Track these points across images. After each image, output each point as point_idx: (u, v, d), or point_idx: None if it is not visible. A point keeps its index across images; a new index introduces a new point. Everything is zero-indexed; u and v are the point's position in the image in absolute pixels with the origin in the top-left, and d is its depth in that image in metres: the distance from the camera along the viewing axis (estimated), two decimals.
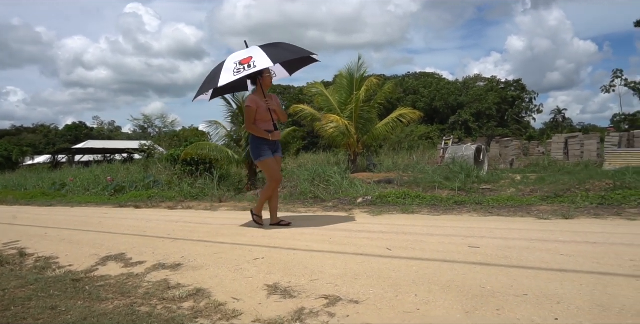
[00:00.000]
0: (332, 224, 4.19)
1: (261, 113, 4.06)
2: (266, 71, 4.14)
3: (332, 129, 12.23)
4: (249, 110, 4.05)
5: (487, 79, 45.13)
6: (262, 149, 4.11)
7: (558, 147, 13.84)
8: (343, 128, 12.21)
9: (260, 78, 4.11)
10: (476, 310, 1.80)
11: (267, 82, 4.21)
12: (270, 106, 4.07)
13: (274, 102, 4.17)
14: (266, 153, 4.10)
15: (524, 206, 4.55)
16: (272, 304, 2.08)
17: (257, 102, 4.04)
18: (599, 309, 1.73)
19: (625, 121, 37.64)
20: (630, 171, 9.12)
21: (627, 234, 3.04)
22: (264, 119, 4.10)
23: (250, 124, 4.09)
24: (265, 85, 4.18)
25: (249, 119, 4.08)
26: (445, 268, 2.40)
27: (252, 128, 4.11)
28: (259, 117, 4.07)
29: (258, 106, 4.03)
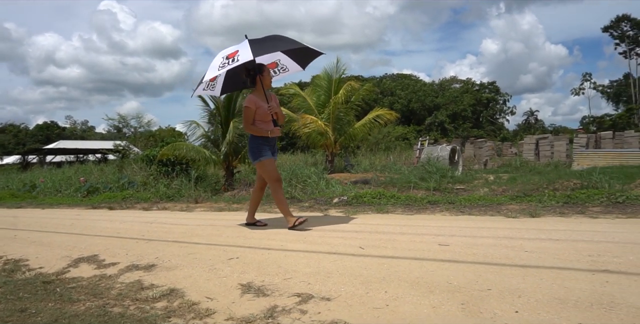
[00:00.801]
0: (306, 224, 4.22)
1: (261, 114, 3.93)
2: (266, 70, 4.03)
3: (310, 130, 12.30)
4: (247, 111, 3.90)
5: (463, 81, 45.99)
6: (262, 149, 3.96)
7: (529, 148, 14.24)
8: (320, 129, 12.29)
9: (260, 77, 3.96)
10: (442, 305, 1.87)
11: (267, 82, 4.05)
12: (272, 109, 3.92)
13: (274, 103, 4.02)
14: (266, 153, 3.96)
15: (494, 205, 4.69)
16: (246, 302, 2.11)
17: (256, 103, 3.89)
18: (556, 301, 1.82)
19: (594, 123, 38.91)
20: (596, 171, 9.47)
21: (588, 231, 3.18)
22: (264, 119, 3.96)
23: (248, 124, 3.95)
24: (265, 84, 4.02)
25: (247, 119, 3.93)
26: (415, 265, 2.47)
27: (251, 128, 3.97)
28: (259, 117, 3.94)
29: (257, 106, 3.89)
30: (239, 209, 5.97)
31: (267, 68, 4.06)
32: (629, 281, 2.00)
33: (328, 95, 12.78)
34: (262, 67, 4.01)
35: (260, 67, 3.99)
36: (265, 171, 4.01)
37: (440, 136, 32.91)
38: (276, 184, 3.99)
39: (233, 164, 11.07)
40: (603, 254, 2.47)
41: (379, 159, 16.44)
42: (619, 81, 47.01)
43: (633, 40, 43.95)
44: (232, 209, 6.05)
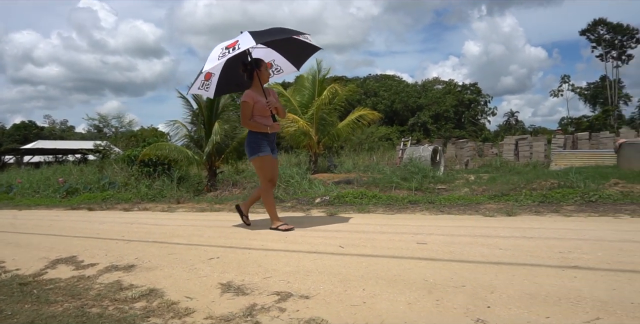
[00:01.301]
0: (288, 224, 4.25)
1: (259, 109, 3.79)
2: (263, 65, 3.92)
3: (293, 129, 12.33)
4: (245, 105, 3.77)
5: (445, 82, 46.53)
6: (261, 145, 3.81)
7: (509, 149, 14.51)
8: (303, 129, 12.32)
9: (257, 72, 3.85)
10: (418, 301, 1.92)
11: (265, 77, 3.94)
12: (271, 104, 3.80)
13: (272, 98, 3.92)
14: (265, 150, 3.81)
15: (472, 205, 4.79)
16: (225, 301, 2.12)
17: (253, 97, 3.77)
18: (527, 296, 1.88)
19: (572, 124, 39.81)
20: (572, 171, 9.70)
21: (560, 229, 3.28)
22: (262, 114, 3.82)
23: (246, 119, 3.81)
24: (262, 79, 3.91)
25: (245, 114, 3.79)
26: (393, 263, 2.52)
27: (249, 124, 3.83)
28: (257, 112, 3.80)
29: (255, 101, 3.77)
30: (221, 210, 5.96)
31: (264, 63, 3.94)
32: (596, 277, 2.08)
33: (312, 95, 12.83)
34: (260, 62, 3.90)
35: (258, 62, 3.89)
36: (261, 168, 3.88)
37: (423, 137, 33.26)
38: (268, 184, 3.90)
39: (216, 165, 11.02)
40: (573, 251, 2.56)
41: (362, 159, 16.54)
42: (595, 83, 48.16)
43: (609, 43, 45.09)
44: (214, 210, 6.04)
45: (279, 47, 4.17)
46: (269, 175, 3.87)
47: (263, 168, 3.86)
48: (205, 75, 3.98)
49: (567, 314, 1.68)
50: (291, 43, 4.04)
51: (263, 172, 3.88)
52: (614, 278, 2.04)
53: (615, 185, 8.63)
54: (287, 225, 3.85)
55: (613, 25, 44.52)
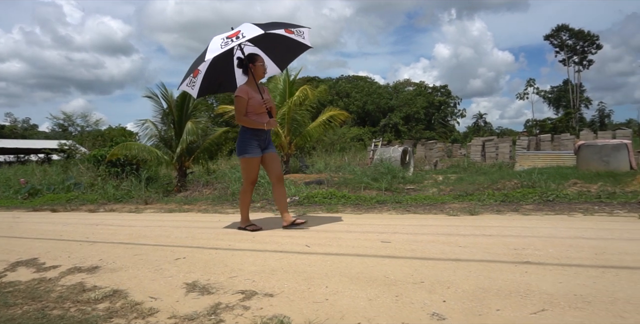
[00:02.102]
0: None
1: (254, 105, 3.68)
2: (259, 60, 3.79)
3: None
4: (240, 100, 3.65)
5: (416, 84, 47.35)
6: (249, 145, 3.73)
7: (476, 150, 14.90)
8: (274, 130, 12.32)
9: (252, 67, 3.73)
10: (378, 297, 1.99)
11: (260, 72, 3.79)
12: (268, 103, 3.71)
13: (267, 95, 3.82)
14: (253, 151, 3.72)
15: (438, 204, 4.92)
16: (190, 301, 2.14)
17: (248, 93, 3.66)
18: (480, 291, 1.98)
19: (537, 126, 41.18)
20: (535, 172, 10.07)
21: (518, 227, 3.43)
22: (257, 111, 3.71)
23: (241, 115, 3.68)
24: (257, 75, 3.78)
25: (240, 110, 3.66)
26: (357, 261, 2.59)
27: (244, 120, 3.71)
28: (251, 109, 3.69)
29: (250, 96, 3.66)
30: (190, 211, 5.91)
31: (260, 58, 3.80)
32: (545, 271, 2.20)
33: (283, 96, 12.85)
34: (255, 57, 3.78)
35: (253, 57, 3.78)
36: (245, 169, 3.84)
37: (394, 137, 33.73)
38: (249, 185, 3.85)
39: (186, 165, 10.90)
40: (527, 247, 2.69)
41: (334, 160, 16.65)
42: (559, 87, 50.04)
43: (571, 49, 46.90)
44: (182, 210, 5.99)
45: (267, 47, 4.05)
46: (251, 177, 3.82)
47: (247, 169, 3.82)
48: (193, 73, 3.87)
49: (516, 307, 1.78)
50: (281, 42, 3.95)
51: (246, 173, 3.84)
52: (561, 272, 2.17)
53: (574, 185, 9.02)
54: (255, 226, 3.87)
55: (575, 31, 46.36)
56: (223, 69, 4.04)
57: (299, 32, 3.83)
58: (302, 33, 3.84)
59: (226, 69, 4.07)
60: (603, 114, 47.25)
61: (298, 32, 3.82)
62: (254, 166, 3.79)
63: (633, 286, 1.93)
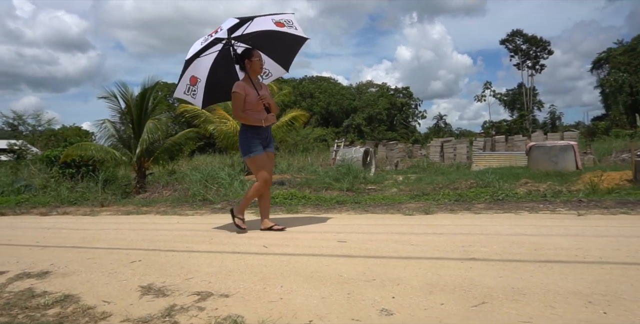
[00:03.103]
0: (216, 225, 4.28)
1: (252, 102, 3.56)
2: (255, 55, 3.64)
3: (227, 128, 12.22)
4: (237, 96, 3.53)
5: (379, 85, 48.11)
6: (252, 143, 3.62)
7: (435, 150, 15.34)
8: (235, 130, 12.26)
9: (248, 63, 3.61)
10: (331, 295, 2.06)
11: (256, 67, 3.66)
12: (264, 99, 3.58)
13: (265, 92, 3.70)
14: (257, 148, 3.63)
15: (395, 204, 5.07)
16: (144, 303, 2.13)
17: (245, 89, 3.54)
18: (427, 286, 2.09)
19: (493, 127, 42.74)
20: (489, 172, 10.48)
21: (467, 225, 3.60)
22: (255, 108, 3.59)
23: (238, 112, 3.57)
24: (254, 70, 3.66)
25: (237, 106, 3.55)
26: (313, 261, 2.66)
27: (242, 116, 3.60)
28: (249, 106, 3.58)
29: (247, 93, 3.54)
30: (148, 213, 5.81)
31: (256, 53, 3.66)
32: (488, 267, 2.34)
33: None
34: (251, 52, 3.65)
35: (249, 52, 3.65)
36: (255, 167, 3.69)
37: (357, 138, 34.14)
38: (262, 184, 3.69)
39: (145, 166, 10.66)
40: (474, 244, 2.84)
41: (297, 160, 16.69)
42: (514, 90, 52.12)
43: (525, 53, 48.97)
44: (140, 213, 5.87)
45: (266, 48, 3.90)
46: (264, 175, 3.67)
47: (257, 168, 3.68)
48: (190, 79, 3.75)
49: (458, 300, 1.89)
50: (278, 40, 3.84)
51: (258, 172, 3.68)
52: (502, 267, 2.31)
53: (525, 184, 9.47)
54: (242, 222, 3.78)
55: (528, 37, 48.43)
56: (225, 75, 3.89)
57: (289, 23, 3.70)
58: (291, 23, 3.72)
59: (229, 76, 3.90)
60: (554, 116, 49.61)
61: (288, 23, 3.69)
62: (262, 162, 3.66)
63: (564, 278, 2.09)
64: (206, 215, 5.27)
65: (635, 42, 41.55)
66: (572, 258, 2.44)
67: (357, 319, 1.76)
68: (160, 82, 14.06)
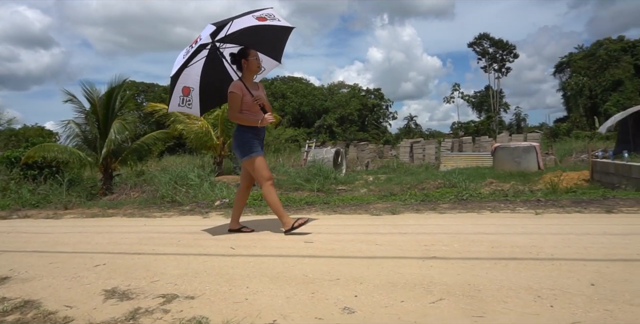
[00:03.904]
0: (184, 227, 4.25)
1: (248, 103, 3.46)
2: (252, 54, 3.53)
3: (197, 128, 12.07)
4: (234, 97, 3.42)
5: (351, 86, 48.46)
6: (252, 144, 3.50)
7: (405, 151, 15.61)
8: (206, 130, 12.14)
9: (244, 62, 3.50)
10: (295, 295, 2.10)
11: (253, 66, 3.55)
12: (259, 100, 3.47)
13: (261, 93, 3.58)
14: (257, 149, 3.51)
15: (363, 204, 5.15)
16: (108, 307, 2.12)
17: (242, 89, 3.45)
18: (389, 285, 2.16)
19: (462, 128, 43.76)
20: (456, 172, 10.76)
21: (431, 225, 3.72)
22: (252, 109, 3.49)
23: (235, 112, 3.46)
24: (251, 70, 3.56)
25: (233, 107, 3.45)
26: (279, 261, 2.69)
27: (238, 117, 3.48)
28: (246, 107, 3.47)
29: (244, 93, 3.45)
30: (115, 215, 5.70)
31: (253, 51, 3.55)
32: (448, 265, 2.44)
33: None
34: (247, 51, 3.55)
35: (245, 51, 3.55)
36: (256, 169, 3.52)
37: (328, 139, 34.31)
38: (268, 183, 3.53)
39: (112, 167, 10.44)
40: (436, 243, 2.94)
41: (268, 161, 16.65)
42: (481, 92, 53.54)
43: (491, 56, 50.35)
44: (106, 215, 5.75)
45: (253, 44, 3.74)
46: (267, 175, 3.52)
47: (258, 169, 3.52)
48: (183, 90, 3.67)
49: (418, 298, 1.97)
50: (263, 34, 3.74)
51: (260, 173, 3.52)
52: (461, 265, 2.41)
53: (490, 184, 9.77)
54: (301, 219, 3.55)
55: (495, 40, 49.81)
56: (218, 79, 3.82)
57: (271, 16, 3.61)
58: (273, 16, 3.63)
59: (221, 79, 3.83)
60: (519, 118, 51.26)
61: (270, 16, 3.61)
62: (263, 163, 3.54)
63: (517, 275, 2.20)
64: (174, 217, 5.21)
65: (594, 48, 43.44)
66: (526, 255, 2.57)
67: (320, 318, 1.81)
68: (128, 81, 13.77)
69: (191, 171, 8.74)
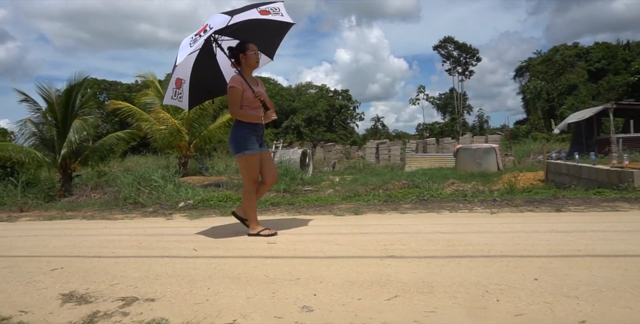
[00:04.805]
0: (146, 229, 4.20)
1: (249, 98, 3.35)
2: (250, 48, 3.42)
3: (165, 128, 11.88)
4: (234, 91, 3.30)
5: (318, 87, 48.63)
6: (249, 140, 3.37)
7: (371, 152, 15.84)
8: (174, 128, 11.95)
9: (243, 57, 3.40)
10: (256, 295, 2.14)
11: (252, 61, 3.44)
12: (260, 96, 3.37)
13: (261, 88, 3.47)
14: (253, 147, 3.38)
15: (328, 205, 5.23)
16: (65, 311, 2.10)
17: (242, 84, 3.34)
18: (348, 283, 2.23)
19: (427, 130, 44.73)
20: (420, 172, 11.02)
21: (392, 225, 3.83)
22: (252, 105, 3.38)
23: (236, 108, 3.34)
24: (250, 65, 3.45)
25: (234, 102, 3.33)
26: (241, 262, 2.72)
27: (240, 113, 3.36)
28: (246, 103, 3.36)
29: (244, 88, 3.34)
30: (74, 217, 5.55)
31: (251, 45, 3.43)
32: (404, 263, 2.53)
33: None
34: (245, 45, 3.43)
35: (243, 45, 3.44)
36: (246, 167, 3.43)
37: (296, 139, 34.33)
38: (252, 185, 3.47)
39: (72, 167, 10.13)
40: (395, 243, 3.04)
41: (235, 162, 16.52)
42: (446, 94, 54.85)
43: (455, 60, 51.70)
44: (65, 218, 5.59)
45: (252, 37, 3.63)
46: (254, 176, 3.46)
47: (249, 168, 3.42)
48: (176, 82, 3.55)
49: (374, 295, 2.05)
50: (261, 28, 3.65)
51: (248, 172, 3.43)
52: (417, 263, 2.52)
53: (452, 184, 10.07)
54: (269, 230, 3.50)
55: (459, 44, 51.16)
56: (208, 73, 3.73)
57: (275, 10, 3.48)
58: (277, 10, 3.49)
59: (212, 73, 3.74)
60: (482, 120, 52.96)
61: (274, 10, 3.47)
62: (255, 163, 3.44)
63: (469, 271, 2.32)
64: (137, 219, 5.13)
65: (551, 53, 45.41)
66: (479, 252, 2.70)
67: (279, 317, 1.86)
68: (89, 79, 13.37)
69: (155, 172, 8.60)
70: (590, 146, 14.19)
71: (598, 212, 4.16)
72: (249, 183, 3.48)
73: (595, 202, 4.64)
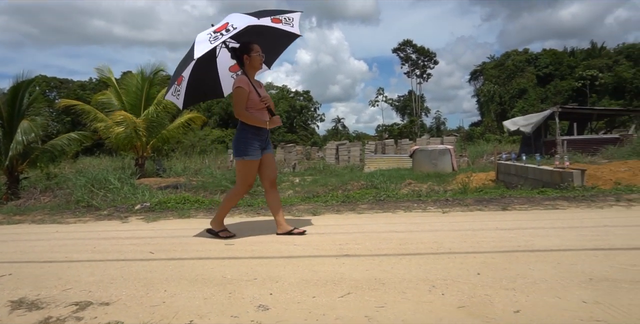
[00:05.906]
0: (100, 233, 4.12)
1: (254, 100, 3.30)
2: (255, 49, 3.38)
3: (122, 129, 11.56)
4: (241, 92, 3.25)
5: (279, 88, 48.54)
6: (250, 145, 3.34)
7: (331, 153, 16.02)
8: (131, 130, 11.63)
9: (247, 59, 3.37)
10: (213, 296, 2.18)
11: (256, 63, 3.42)
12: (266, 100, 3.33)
13: (263, 91, 3.43)
14: (254, 153, 3.35)
15: (286, 206, 5.29)
16: (15, 318, 2.05)
17: (249, 85, 3.27)
18: (303, 282, 2.31)
19: (386, 131, 45.59)
20: (378, 173, 11.27)
21: (349, 225, 3.94)
22: (257, 107, 3.33)
23: (241, 110, 3.28)
24: (253, 67, 3.42)
25: (240, 103, 3.27)
26: (199, 264, 2.74)
27: (245, 115, 3.30)
28: (251, 104, 3.31)
29: (250, 90, 3.28)
30: (22, 222, 5.33)
31: (256, 47, 3.39)
32: (358, 262, 2.64)
33: (140, 95, 12.21)
34: (250, 46, 3.39)
35: (248, 46, 3.39)
36: (243, 171, 3.41)
37: None
38: (244, 189, 3.49)
39: (19, 169, 9.69)
40: (350, 242, 3.15)
41: (194, 163, 16.26)
42: (404, 96, 56.14)
43: (414, 62, 53.04)
44: (12, 222, 5.35)
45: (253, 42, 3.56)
46: (249, 181, 3.46)
47: (245, 172, 3.42)
48: (178, 79, 3.46)
49: (328, 293, 2.14)
50: (267, 34, 3.60)
51: (244, 176, 3.43)
52: (370, 261, 2.63)
53: (409, 185, 10.35)
54: (227, 232, 3.54)
55: (417, 47, 52.52)
56: (206, 74, 3.66)
57: (288, 20, 3.42)
58: (290, 20, 3.43)
59: (209, 75, 3.68)
60: (439, 121, 54.52)
61: (286, 20, 3.42)
62: (253, 168, 3.43)
63: (418, 268, 2.45)
64: (90, 222, 5.00)
65: (503, 58, 47.45)
66: (428, 250, 2.85)
67: (236, 316, 1.91)
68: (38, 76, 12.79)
69: (110, 174, 8.36)
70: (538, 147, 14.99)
71: (540, 210, 4.45)
72: (241, 186, 3.49)
73: (538, 201, 4.95)
